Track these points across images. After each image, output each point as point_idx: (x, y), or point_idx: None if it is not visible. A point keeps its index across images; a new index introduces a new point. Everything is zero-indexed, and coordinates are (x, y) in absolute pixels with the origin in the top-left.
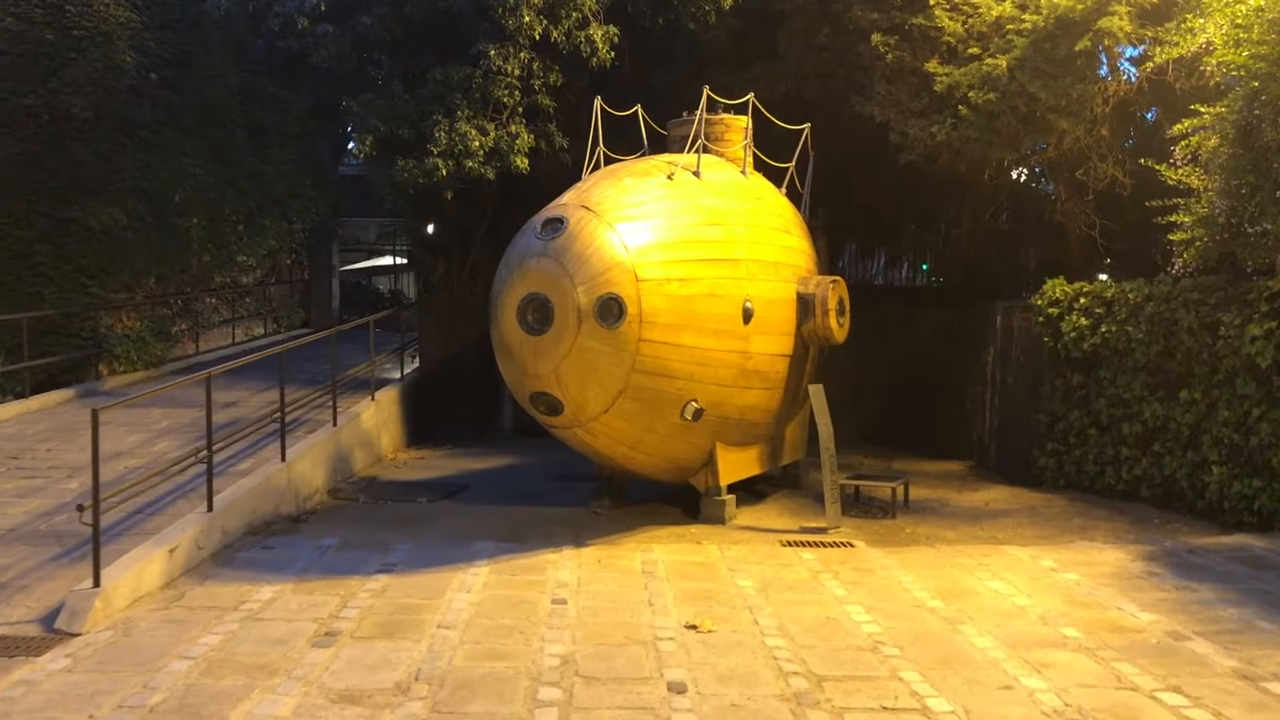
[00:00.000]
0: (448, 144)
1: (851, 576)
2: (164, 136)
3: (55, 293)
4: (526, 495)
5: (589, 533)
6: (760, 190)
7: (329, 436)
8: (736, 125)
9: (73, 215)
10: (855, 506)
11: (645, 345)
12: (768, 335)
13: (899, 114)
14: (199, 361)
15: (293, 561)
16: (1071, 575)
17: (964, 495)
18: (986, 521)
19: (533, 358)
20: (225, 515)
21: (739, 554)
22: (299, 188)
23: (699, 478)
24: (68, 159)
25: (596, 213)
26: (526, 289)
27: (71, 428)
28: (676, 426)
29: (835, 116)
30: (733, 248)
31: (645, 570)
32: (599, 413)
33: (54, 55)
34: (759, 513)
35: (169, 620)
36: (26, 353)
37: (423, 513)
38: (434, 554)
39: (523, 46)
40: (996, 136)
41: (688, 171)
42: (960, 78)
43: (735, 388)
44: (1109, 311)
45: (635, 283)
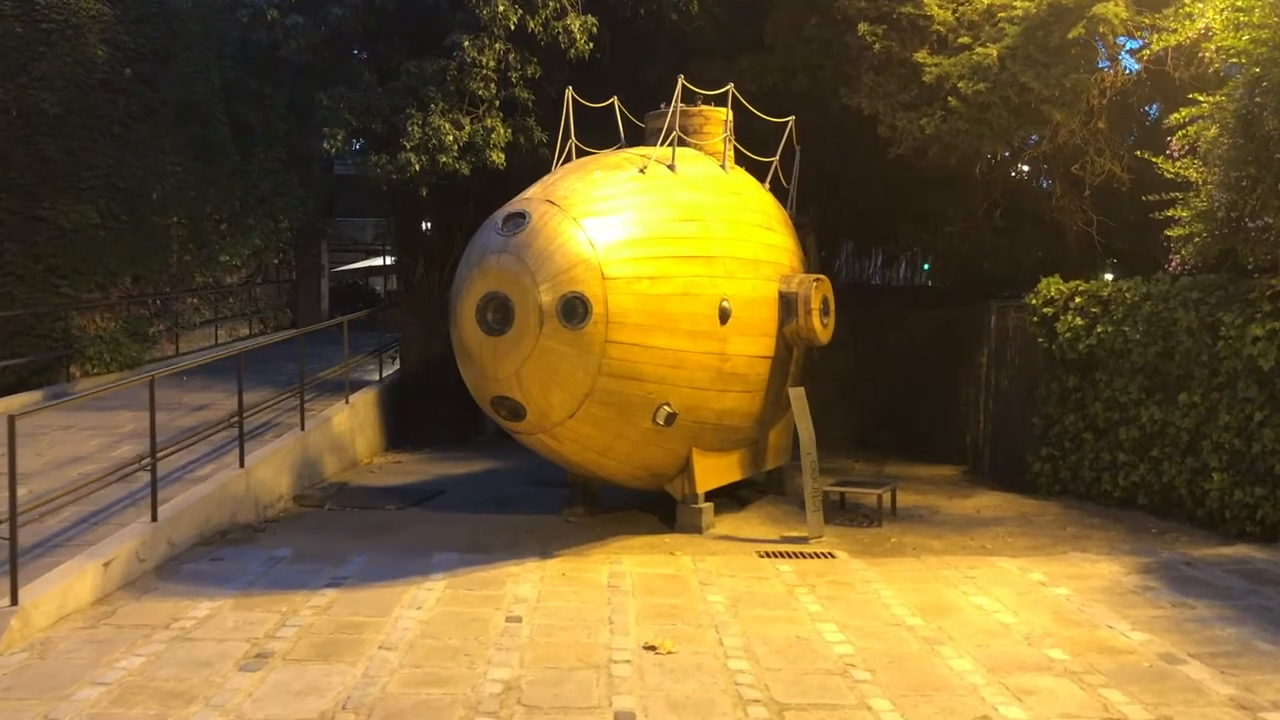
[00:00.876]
0: (421, 138)
1: (829, 591)
2: (139, 133)
3: (25, 292)
4: (501, 502)
5: (558, 543)
6: (741, 185)
7: (295, 441)
8: (716, 117)
9: (43, 213)
10: (840, 514)
11: (612, 347)
12: (747, 336)
13: (887, 106)
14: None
15: (240, 574)
16: (1062, 590)
17: (955, 502)
18: (977, 530)
19: (492, 360)
20: (172, 525)
21: (713, 566)
22: (286, 186)
23: (675, 485)
24: (37, 155)
25: (561, 207)
26: (486, 287)
27: (33, 433)
28: (649, 432)
29: (825, 110)
30: (709, 244)
31: (611, 584)
32: (564, 418)
33: (23, 49)
34: (739, 521)
35: (92, 640)
36: None
37: (389, 521)
38: (390, 566)
39: (498, 37)
40: (987, 129)
41: (662, 165)
42: (950, 68)
43: (712, 391)
44: (1105, 311)
45: (601, 281)
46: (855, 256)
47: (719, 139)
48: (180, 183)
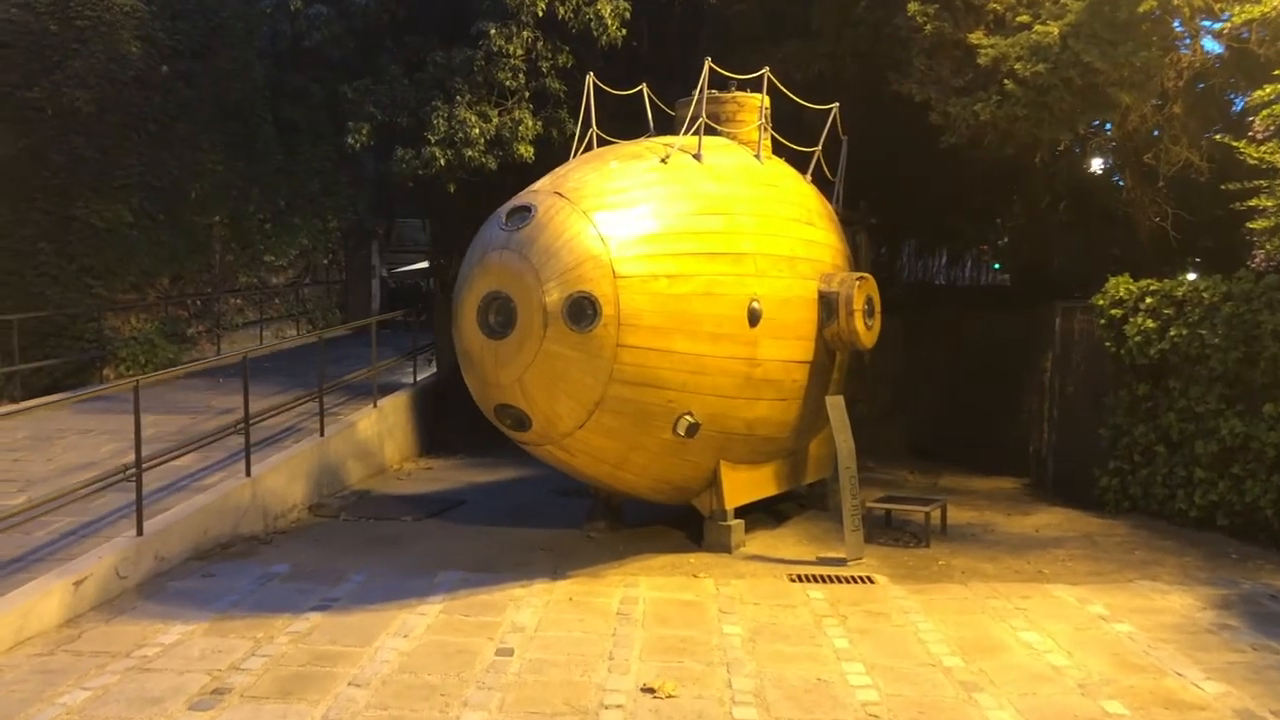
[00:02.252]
0: (446, 132)
1: (861, 622)
2: (176, 131)
3: (59, 293)
4: (523, 513)
5: (572, 561)
6: (776, 176)
7: (312, 448)
8: (750, 104)
9: (76, 213)
10: (886, 532)
11: (625, 351)
12: (781, 339)
13: (940, 92)
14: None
15: (226, 594)
16: (1125, 626)
17: (1013, 519)
18: (1034, 552)
19: (494, 365)
20: (161, 539)
21: (736, 591)
22: (334, 185)
23: (702, 500)
24: (71, 154)
25: (570, 200)
26: (487, 286)
27: (50, 436)
28: (669, 443)
29: (877, 99)
30: (737, 240)
31: (621, 611)
32: (573, 428)
33: (57, 47)
34: (774, 539)
35: (44, 670)
36: (17, 356)
37: (401, 533)
38: (388, 586)
39: (526, 25)
40: (1047, 114)
41: (686, 154)
42: (1007, 49)
43: (740, 399)
44: (1179, 313)
45: (612, 279)
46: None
47: (754, 127)
48: (221, 181)
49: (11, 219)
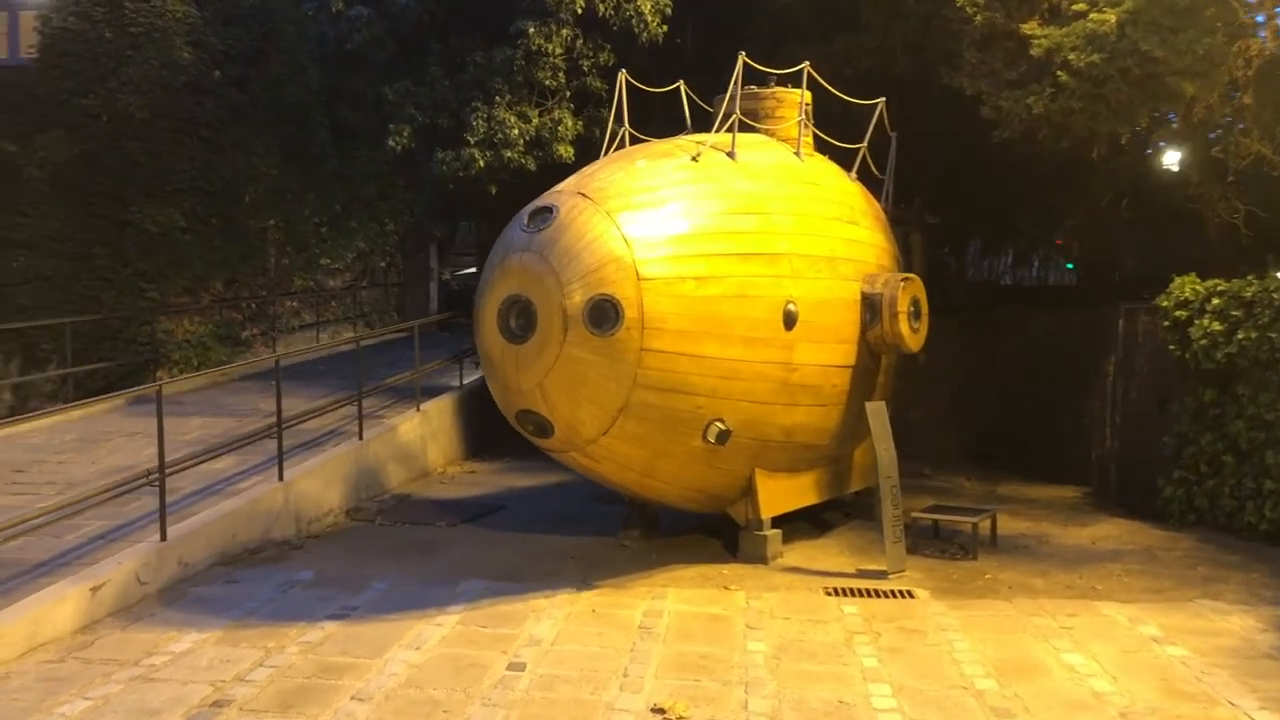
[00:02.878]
0: (486, 133)
1: (894, 640)
2: (229, 135)
3: (113, 297)
4: (560, 520)
5: (602, 571)
6: (818, 174)
7: (349, 451)
8: (790, 100)
9: (129, 217)
10: (933, 543)
11: (649, 356)
12: (819, 343)
13: (992, 85)
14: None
15: (246, 600)
16: (1177, 649)
17: (1069, 530)
18: (1089, 566)
19: (515, 370)
20: (185, 544)
21: (767, 605)
22: (391, 189)
23: (738, 509)
24: (124, 160)
25: (594, 200)
26: (508, 289)
27: (97, 439)
28: (699, 451)
29: (929, 94)
30: (772, 240)
31: (643, 625)
32: (596, 435)
33: (112, 54)
34: (815, 549)
35: (49, 678)
36: (70, 358)
37: (434, 539)
38: (410, 595)
39: (565, 23)
40: (1104, 106)
41: (720, 152)
42: (1062, 39)
43: (776, 405)
44: (1249, 314)
45: (636, 282)
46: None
47: (794, 124)
48: (275, 186)
49: (68, 224)
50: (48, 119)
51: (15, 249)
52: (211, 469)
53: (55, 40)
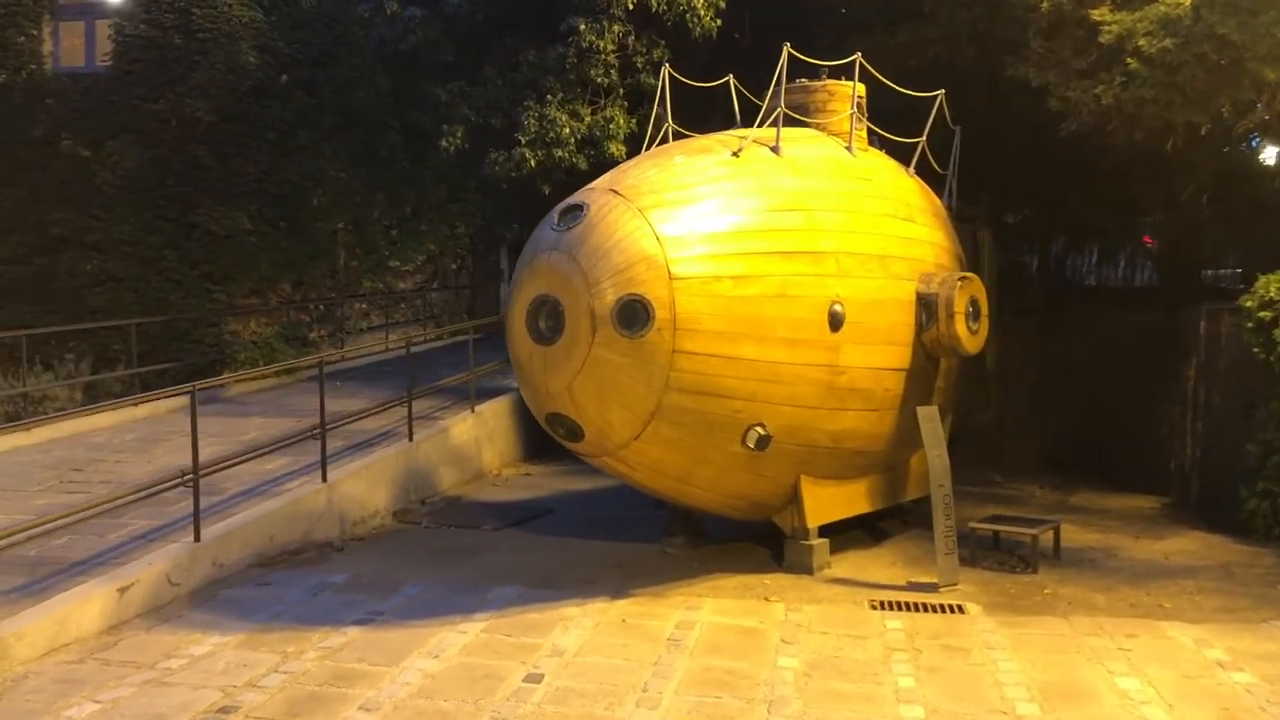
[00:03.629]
0: (537, 132)
1: (935, 659)
2: (297, 139)
3: (181, 298)
4: (608, 524)
5: (641, 579)
6: (871, 170)
7: (398, 453)
8: (842, 93)
9: (196, 219)
10: (992, 555)
11: (682, 358)
12: (869, 345)
13: (1060, 75)
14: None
15: (275, 603)
16: (1244, 675)
17: (1141, 544)
18: (1158, 583)
19: (543, 372)
20: (220, 545)
21: (807, 618)
22: (463, 191)
23: (784, 517)
24: (192, 163)
25: (626, 197)
26: (536, 290)
27: (158, 438)
28: (738, 456)
29: (997, 85)
30: (816, 238)
31: (673, 637)
32: (628, 439)
33: (180, 60)
34: (865, 560)
35: (66, 679)
36: (135, 359)
37: (476, 543)
38: (439, 600)
39: (617, 18)
40: (1178, 95)
41: (764, 147)
42: (1133, 24)
43: (823, 409)
44: None
45: (668, 281)
46: (1066, 253)
47: (846, 117)
48: (344, 188)
49: (139, 227)
50: (120, 124)
51: (88, 252)
52: (262, 469)
53: (127, 47)
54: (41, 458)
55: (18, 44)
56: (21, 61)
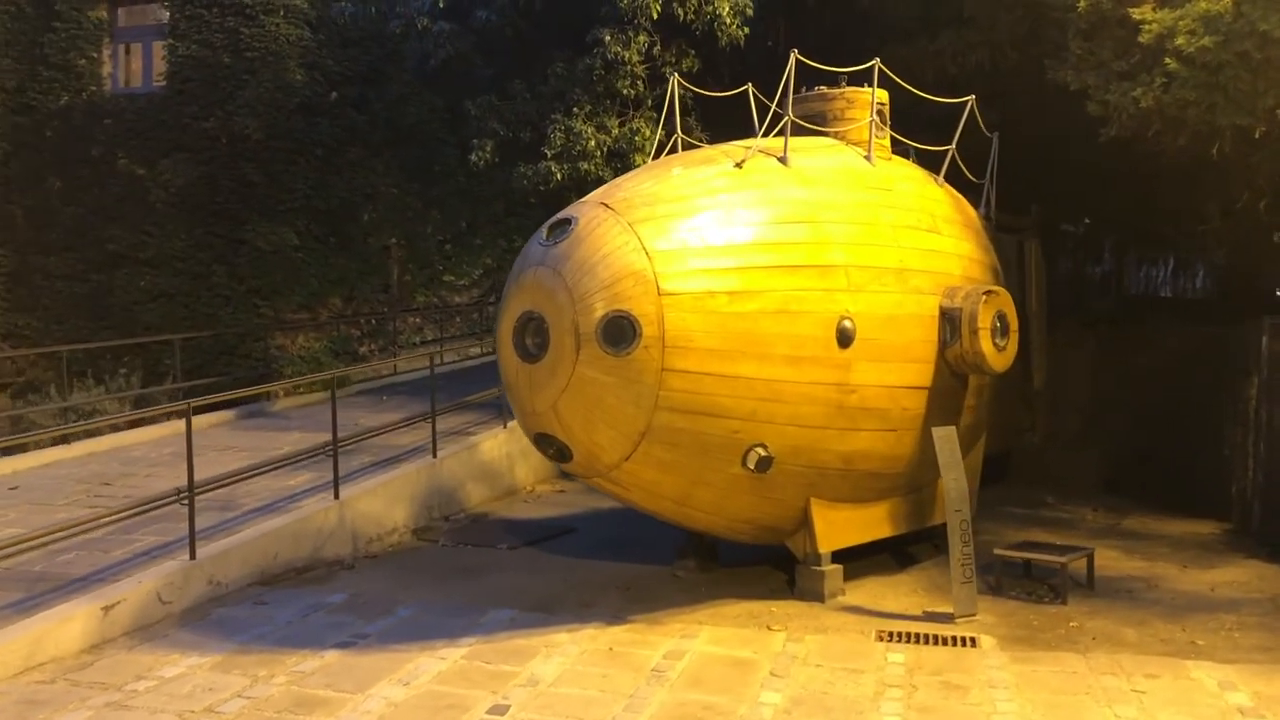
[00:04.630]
0: (563, 145)
1: (929, 697)
2: (347, 155)
3: (230, 314)
4: (627, 545)
5: (643, 604)
6: (891, 179)
7: (419, 470)
8: (861, 100)
9: (244, 236)
10: (1021, 584)
11: (673, 376)
12: (884, 362)
13: (1100, 78)
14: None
15: (264, 623)
16: None
17: (1187, 573)
18: (1196, 617)
19: (529, 391)
20: (217, 563)
21: (805, 649)
22: (519, 205)
23: (796, 541)
24: (240, 180)
25: (616, 210)
26: (522, 306)
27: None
28: (739, 479)
29: (1043, 91)
30: (824, 250)
31: (658, 668)
32: (618, 460)
33: (230, 78)
34: (886, 586)
35: (29, 700)
36: (178, 374)
37: (487, 563)
38: (428, 623)
39: (642, 28)
40: (1222, 96)
41: (771, 157)
42: (1174, 21)
43: (831, 430)
44: None
45: (656, 297)
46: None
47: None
48: (397, 204)
49: (189, 243)
50: (173, 143)
51: (142, 268)
52: (283, 485)
53: (180, 67)
54: (77, 471)
55: (79, 67)
56: (82, 84)
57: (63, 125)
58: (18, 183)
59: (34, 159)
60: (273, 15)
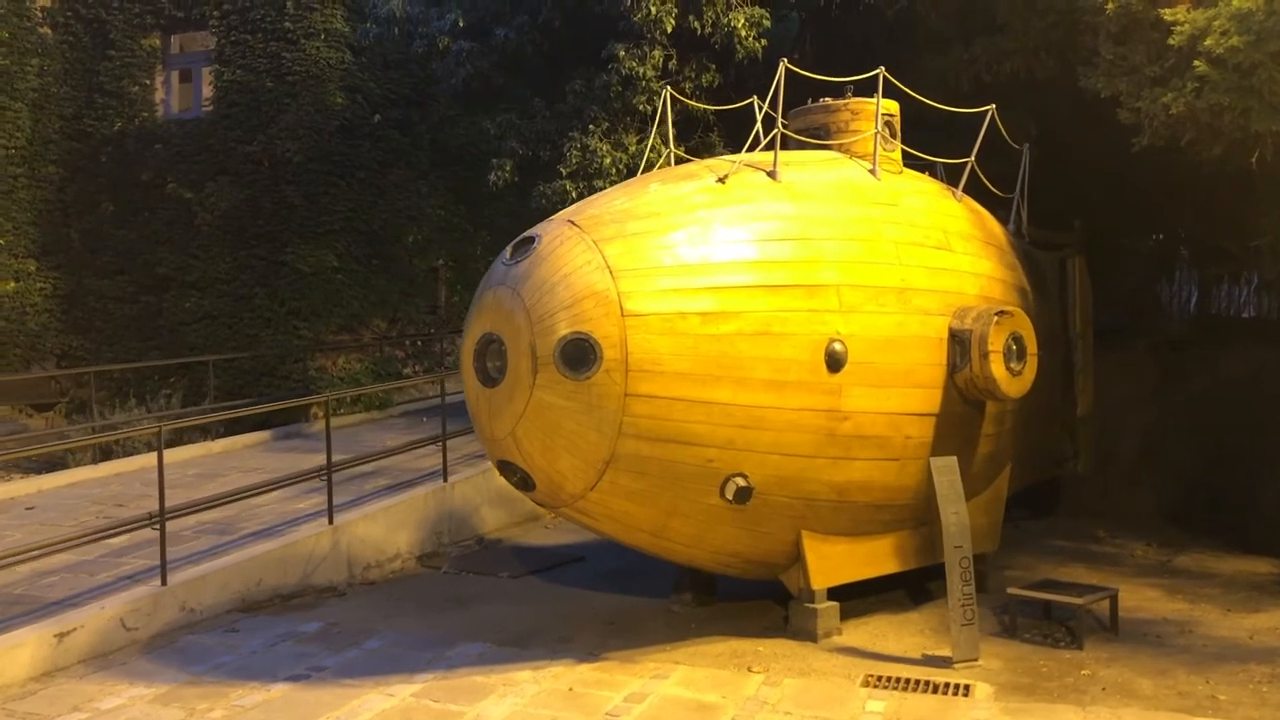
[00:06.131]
0: (580, 163)
1: None
2: (390, 177)
3: (271, 335)
4: (632, 576)
5: (623, 639)
6: (898, 194)
7: (429, 494)
8: (866, 111)
9: (284, 258)
10: (1039, 626)
11: (637, 402)
12: (884, 387)
13: (1133, 84)
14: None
15: (226, 653)
16: None
17: (1229, 618)
18: (1226, 667)
19: (488, 416)
20: (192, 589)
21: (780, 695)
22: None
23: (791, 576)
24: (281, 203)
25: (583, 228)
26: (483, 328)
27: (217, 473)
28: (719, 510)
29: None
30: (813, 269)
31: (611, 712)
32: (582, 490)
33: (271, 102)
34: (891, 625)
35: None
36: (213, 395)
37: (483, 592)
38: (393, 657)
39: (657, 43)
40: (1256, 100)
41: (760, 172)
42: (1206, 22)
43: (821, 459)
44: None
45: (619, 318)
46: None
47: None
48: (443, 225)
49: (233, 265)
50: (218, 167)
51: (188, 290)
52: (293, 508)
53: (225, 91)
54: (98, 491)
55: (131, 94)
56: (134, 110)
57: (116, 151)
58: (74, 207)
59: (89, 184)
60: (313, 39)
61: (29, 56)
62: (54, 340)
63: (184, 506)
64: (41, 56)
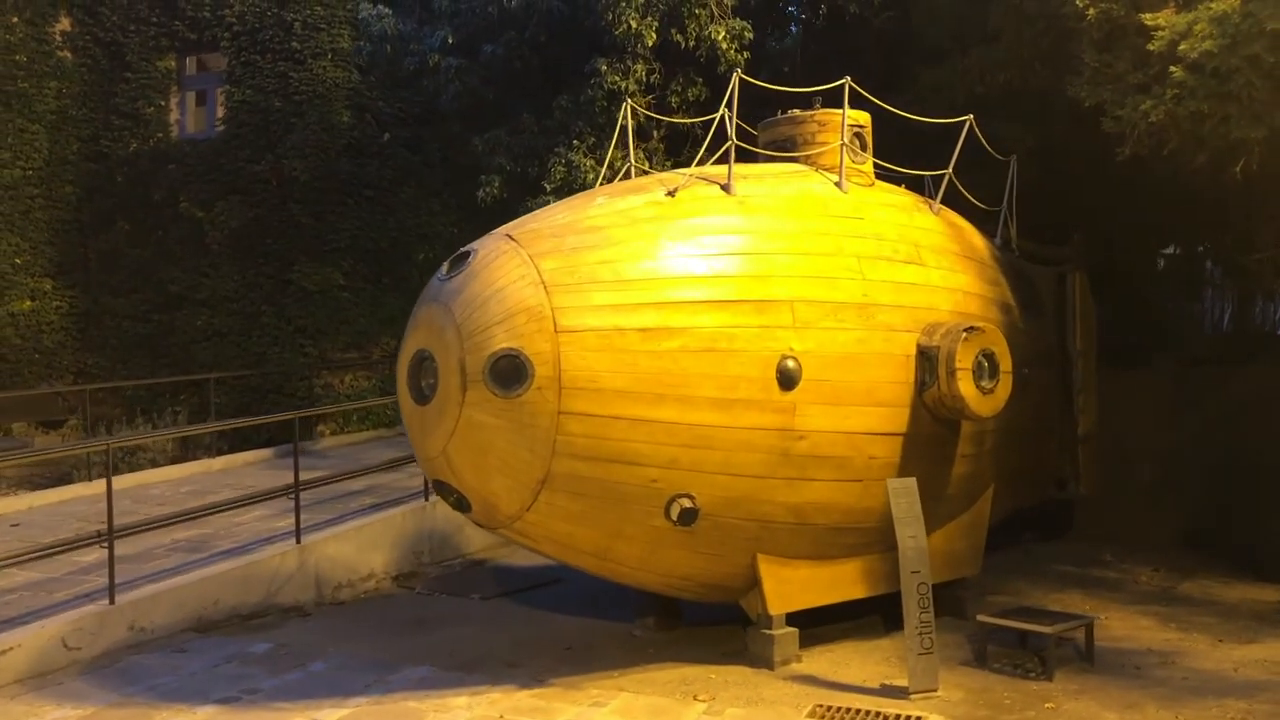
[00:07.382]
0: (564, 179)
1: None
2: (399, 196)
3: (278, 353)
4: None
5: (571, 666)
6: (865, 206)
7: (405, 514)
8: (834, 123)
9: (291, 276)
10: (1010, 654)
11: (571, 420)
12: (842, 405)
13: (1117, 92)
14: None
15: (167, 674)
16: None
17: (1219, 649)
18: (1201, 702)
19: (422, 435)
20: (140, 608)
21: None
22: None
23: (750, 600)
24: (288, 221)
25: (520, 242)
26: (416, 345)
27: (209, 491)
28: (665, 532)
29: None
30: (765, 284)
31: None
32: (518, 510)
33: (279, 122)
34: (856, 653)
35: None
36: (212, 412)
37: (450, 614)
38: (332, 680)
39: (640, 56)
40: (1235, 106)
41: (713, 184)
42: (1186, 26)
43: (775, 480)
44: None
45: (552, 334)
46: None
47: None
48: (455, 242)
49: (241, 284)
50: (228, 186)
51: (199, 308)
52: (271, 526)
53: (236, 112)
54: (86, 509)
55: (147, 115)
56: (149, 131)
57: (131, 171)
58: (90, 227)
59: (105, 204)
60: (320, 59)
61: (47, 79)
62: (70, 358)
63: (136, 525)
64: (60, 79)
